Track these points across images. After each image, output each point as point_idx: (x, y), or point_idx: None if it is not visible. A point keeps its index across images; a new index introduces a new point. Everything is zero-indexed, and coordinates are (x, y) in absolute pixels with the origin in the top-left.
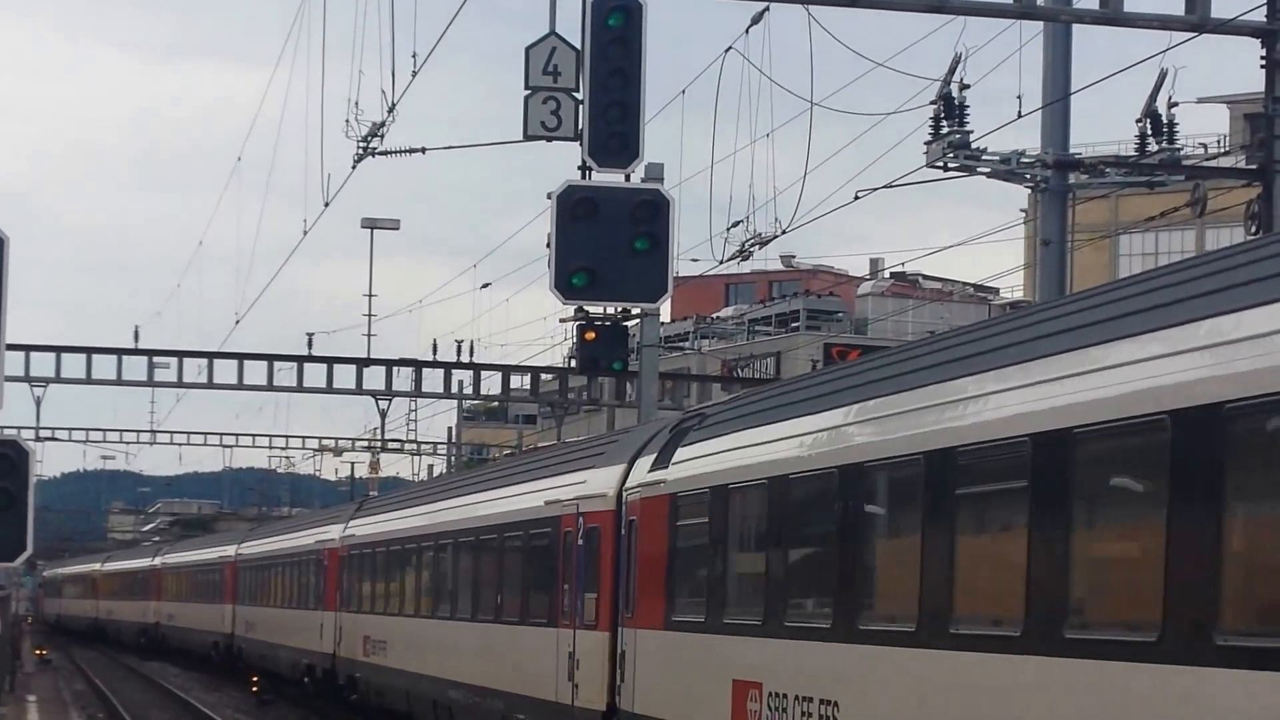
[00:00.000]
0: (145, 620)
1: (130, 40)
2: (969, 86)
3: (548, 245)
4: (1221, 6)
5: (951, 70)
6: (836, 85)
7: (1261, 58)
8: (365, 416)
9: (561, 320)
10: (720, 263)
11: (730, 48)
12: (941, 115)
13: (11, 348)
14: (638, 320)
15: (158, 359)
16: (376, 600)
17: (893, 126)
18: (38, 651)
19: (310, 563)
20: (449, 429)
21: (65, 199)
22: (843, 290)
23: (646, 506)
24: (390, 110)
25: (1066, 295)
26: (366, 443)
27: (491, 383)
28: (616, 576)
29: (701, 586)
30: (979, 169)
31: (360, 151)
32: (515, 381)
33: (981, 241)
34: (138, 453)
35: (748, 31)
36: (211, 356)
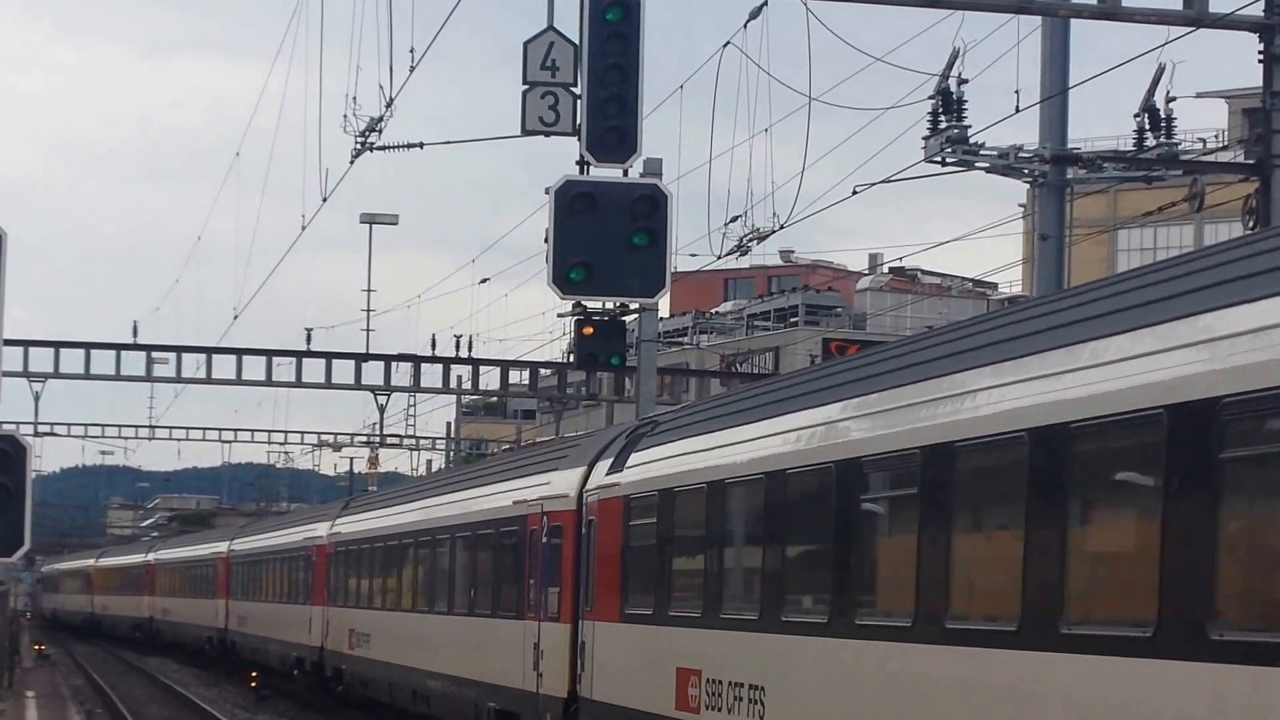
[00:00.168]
0: (139, 615)
1: (128, 35)
2: (967, 81)
3: (546, 240)
4: (1219, 1)
5: (949, 65)
6: (835, 80)
7: (1259, 52)
8: (364, 411)
9: (560, 315)
10: (718, 258)
11: (729, 42)
12: (940, 110)
13: (10, 343)
14: (636, 315)
15: (156, 354)
16: (361, 595)
17: (891, 121)
18: (36, 647)
19: (299, 559)
20: (448, 424)
21: (63, 194)
22: (841, 285)
23: (603, 507)
24: (388, 105)
25: (1004, 309)
26: (365, 438)
27: (490, 378)
28: (577, 572)
29: (650, 582)
30: (977, 164)
31: (358, 147)
32: (514, 376)
33: (980, 236)
34: (136, 448)
35: (746, 26)
36: (210, 352)
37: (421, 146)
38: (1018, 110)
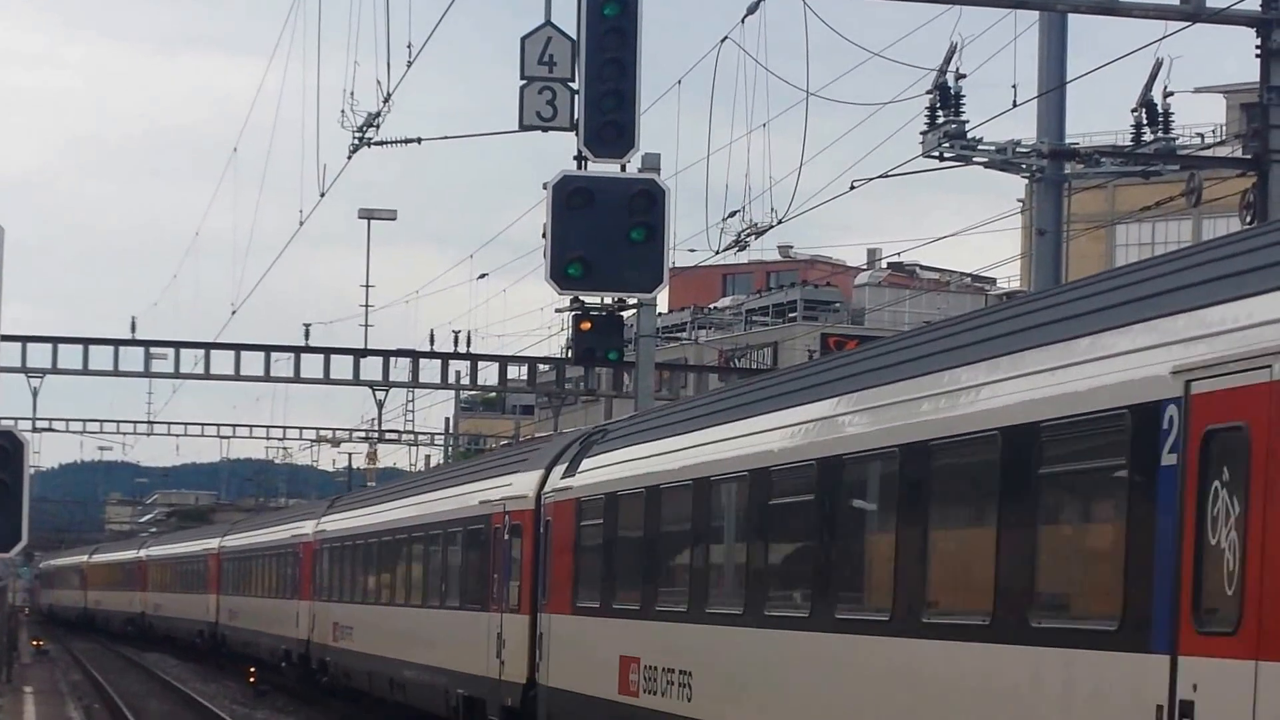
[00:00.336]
0: (132, 610)
1: (125, 32)
2: (965, 76)
3: (544, 235)
4: None
5: (947, 60)
6: (832, 75)
7: (1257, 47)
8: (362, 407)
9: (558, 310)
10: (716, 253)
11: (726, 37)
12: (937, 105)
13: (8, 339)
14: (634, 310)
15: (155, 350)
16: (344, 590)
17: (889, 116)
18: (34, 643)
19: (287, 555)
20: (446, 419)
21: (62, 191)
22: (840, 280)
23: (558, 508)
24: (386, 100)
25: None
26: (364, 433)
27: (488, 373)
28: (535, 568)
29: (598, 577)
30: (975, 159)
31: (356, 142)
32: (512, 372)
33: (979, 231)
34: (135, 444)
35: (744, 21)
36: (208, 347)
37: (419, 142)
38: (1015, 105)
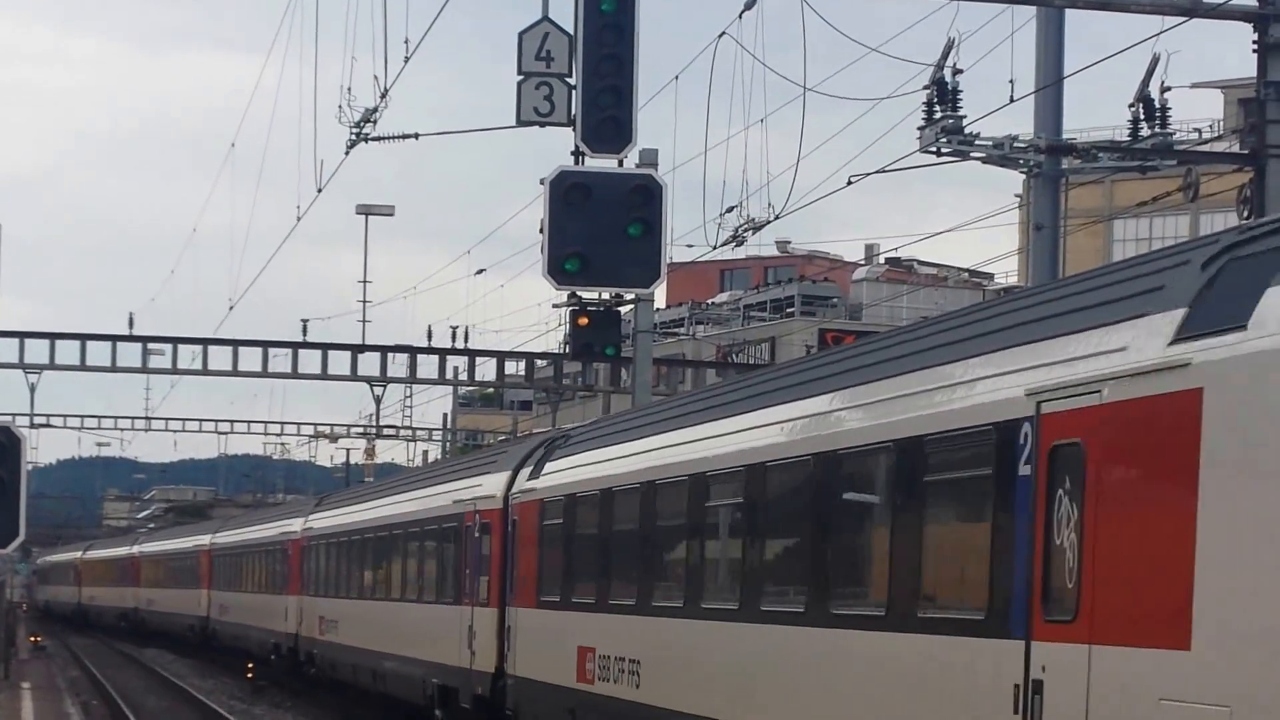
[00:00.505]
0: (125, 605)
1: (123, 28)
2: (962, 71)
3: (541, 231)
4: None
5: (945, 55)
6: (830, 70)
7: (1254, 43)
8: (360, 403)
9: (555, 306)
10: (714, 248)
11: (723, 33)
12: (934, 100)
13: (5, 334)
14: (632, 306)
15: (152, 345)
16: (329, 585)
17: (886, 112)
18: (33, 639)
19: (276, 552)
20: (444, 415)
21: (60, 187)
22: (838, 275)
23: (523, 508)
24: (383, 96)
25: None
26: (362, 429)
27: (486, 368)
28: (503, 564)
29: (558, 573)
30: (972, 154)
31: (353, 137)
32: (510, 367)
33: (977, 226)
34: (132, 439)
35: (741, 16)
36: (206, 343)
37: (417, 137)
38: (1012, 100)
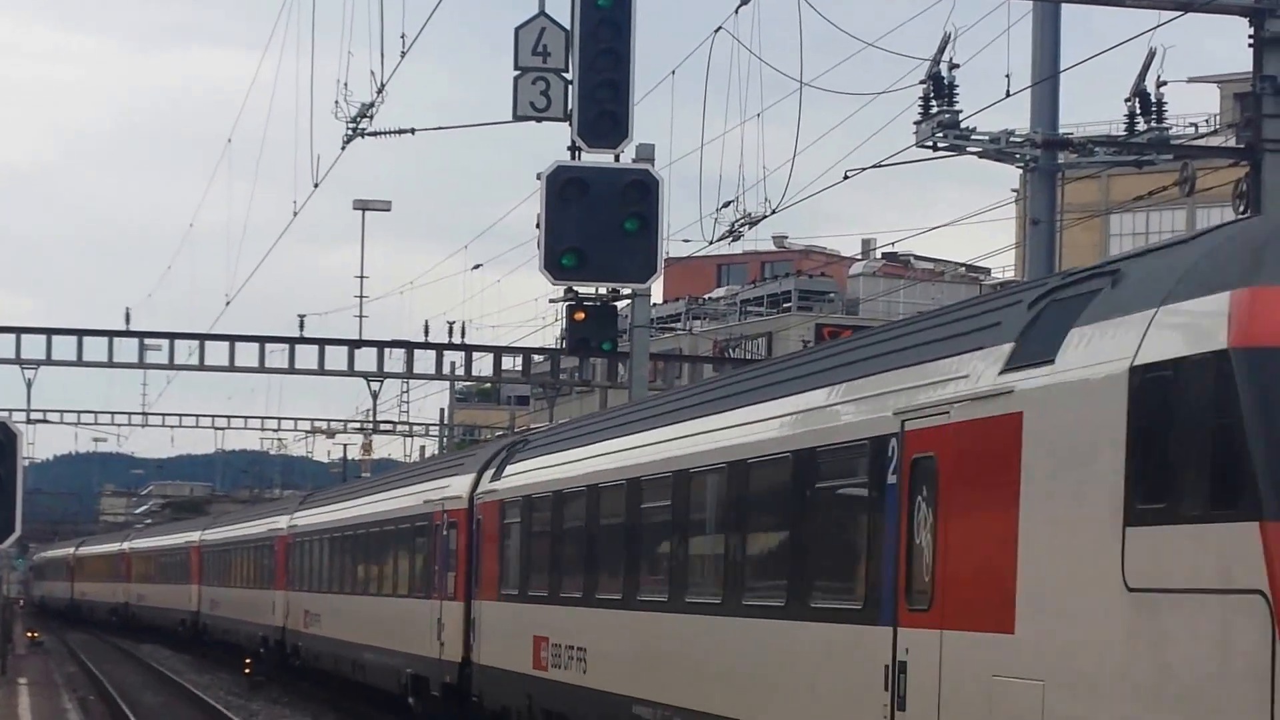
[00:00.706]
0: (116, 600)
1: (120, 24)
2: (958, 66)
3: (538, 226)
4: None
5: (941, 50)
6: (826, 65)
7: (1250, 37)
8: (357, 398)
9: (552, 301)
10: (710, 243)
11: (720, 28)
12: (931, 95)
13: (2, 330)
14: (629, 301)
15: (149, 341)
16: (313, 580)
17: (883, 106)
18: (30, 634)
19: (264, 548)
20: (441, 410)
21: (56, 182)
22: (834, 270)
23: (486, 508)
24: (379, 91)
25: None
26: (359, 424)
27: (483, 364)
28: (469, 560)
29: (517, 568)
30: (969, 149)
31: (350, 132)
32: (507, 363)
33: (975, 221)
34: (129, 435)
35: (737, 11)
36: (203, 338)
37: (413, 132)
38: (1009, 95)
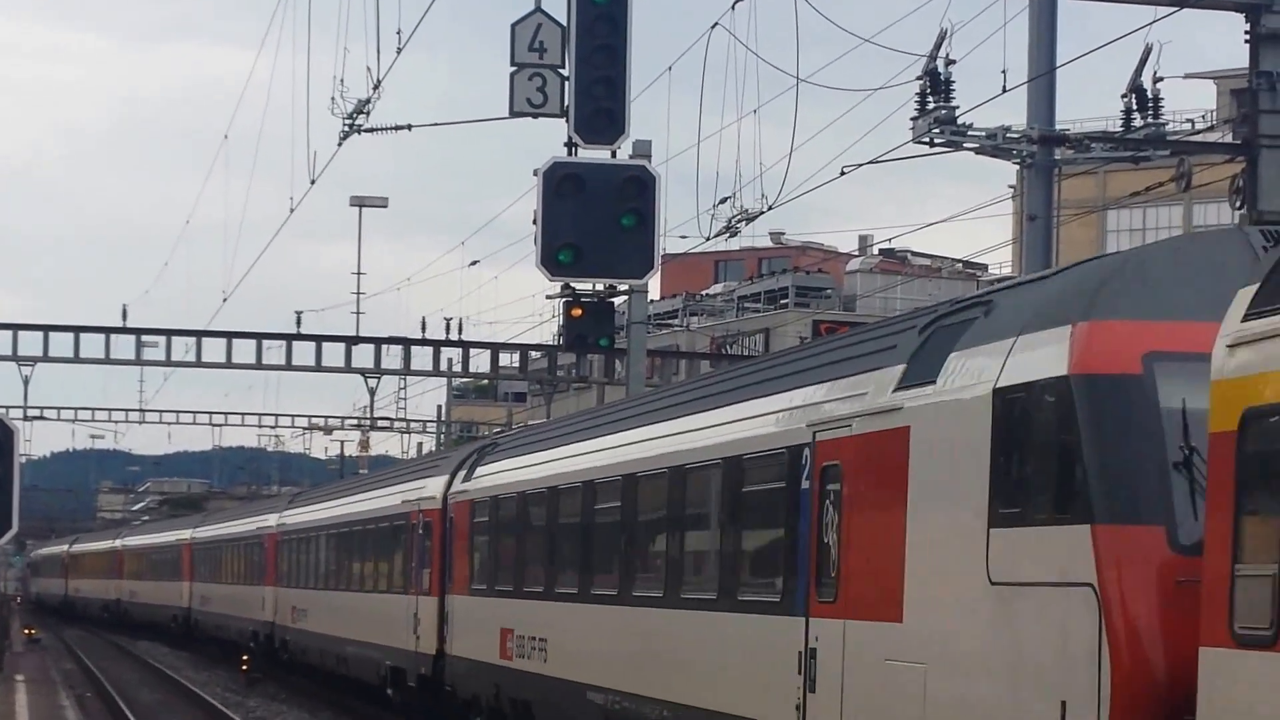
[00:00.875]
0: (108, 597)
1: (116, 20)
2: (955, 62)
3: (534, 222)
4: None
5: (937, 45)
6: (823, 61)
7: (1246, 32)
8: (354, 395)
9: (549, 297)
10: (707, 239)
11: (716, 24)
12: (927, 91)
13: None
14: (625, 297)
15: (146, 338)
16: (300, 576)
17: (879, 102)
18: (27, 631)
19: (254, 545)
20: (438, 407)
21: (53, 179)
22: (831, 267)
23: (458, 508)
24: (376, 87)
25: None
26: (356, 421)
27: (480, 360)
28: (442, 557)
29: (486, 565)
30: (965, 144)
31: (346, 129)
32: (504, 359)
33: (972, 217)
34: (126, 432)
35: (734, 7)
36: (200, 335)
37: (410, 128)
38: (1005, 90)
